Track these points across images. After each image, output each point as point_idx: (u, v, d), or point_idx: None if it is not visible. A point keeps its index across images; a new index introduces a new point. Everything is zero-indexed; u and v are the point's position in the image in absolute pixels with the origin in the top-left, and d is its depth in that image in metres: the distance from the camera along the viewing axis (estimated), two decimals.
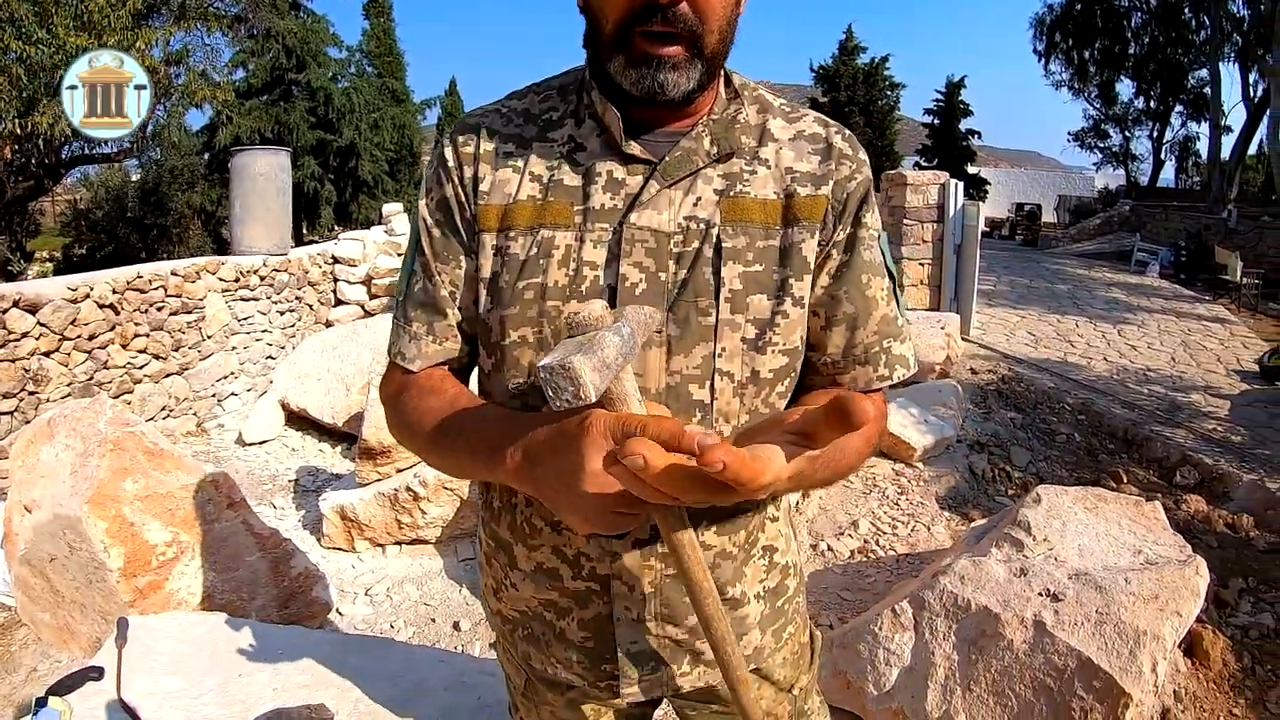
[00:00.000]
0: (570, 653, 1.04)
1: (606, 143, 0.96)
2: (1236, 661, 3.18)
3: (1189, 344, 9.95)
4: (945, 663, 2.33)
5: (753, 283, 0.94)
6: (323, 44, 15.72)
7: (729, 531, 1.01)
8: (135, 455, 2.96)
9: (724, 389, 0.94)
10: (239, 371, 6.67)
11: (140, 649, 1.97)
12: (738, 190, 0.96)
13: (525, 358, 0.94)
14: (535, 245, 0.94)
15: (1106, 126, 34.75)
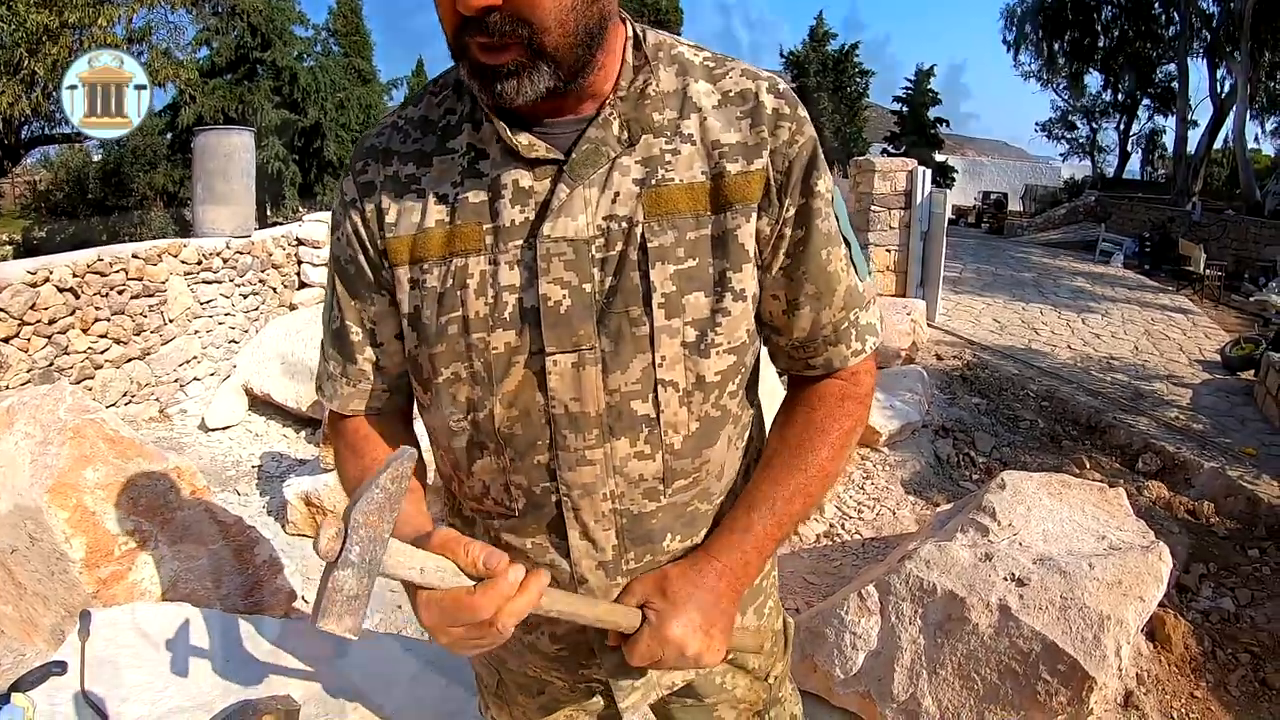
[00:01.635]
0: (546, 662, 1.04)
1: (507, 148, 0.87)
2: (1198, 645, 3.26)
3: (1152, 334, 10.13)
4: (912, 646, 2.36)
5: (687, 281, 0.88)
6: (288, 22, 15.46)
7: (689, 535, 0.98)
8: (96, 443, 2.91)
9: (669, 400, 0.90)
10: (201, 356, 6.56)
11: (103, 642, 1.95)
12: (660, 178, 0.87)
13: (462, 394, 0.90)
14: (450, 276, 0.88)
15: (1074, 118, 35.36)
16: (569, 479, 0.89)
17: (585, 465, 0.89)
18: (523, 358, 0.87)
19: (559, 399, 0.87)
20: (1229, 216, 19.36)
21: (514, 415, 0.89)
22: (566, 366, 0.87)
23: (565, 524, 0.92)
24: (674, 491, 0.94)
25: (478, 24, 0.77)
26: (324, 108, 15.61)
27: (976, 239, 21.39)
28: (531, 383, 0.88)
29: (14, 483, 2.88)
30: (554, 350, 0.86)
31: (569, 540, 0.92)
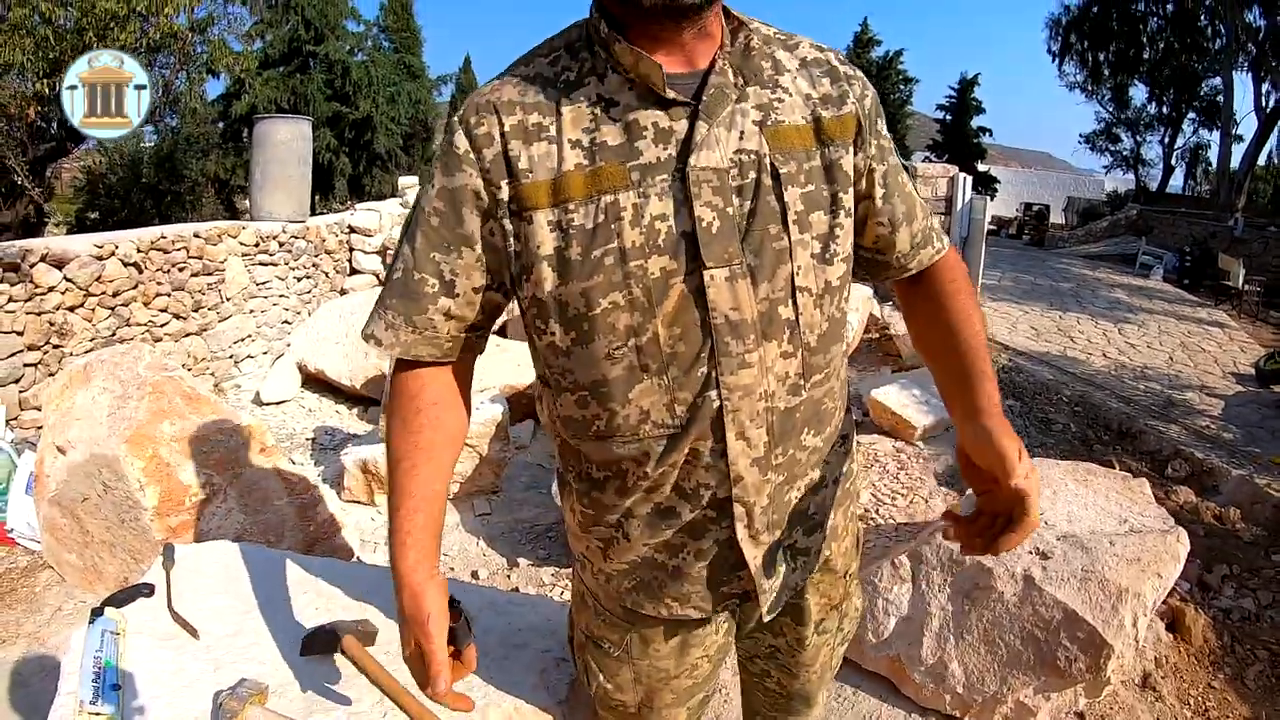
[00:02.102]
0: (688, 586, 1.13)
1: (640, 94, 0.98)
2: (1217, 639, 3.35)
3: (1188, 345, 10.07)
4: (940, 613, 2.48)
5: (811, 202, 1.03)
6: (341, 17, 15.85)
7: (821, 426, 1.12)
8: (173, 399, 3.10)
9: (805, 303, 1.03)
10: (255, 334, 6.81)
11: (186, 572, 2.07)
12: (774, 120, 1.02)
13: (621, 322, 0.98)
14: (601, 212, 0.96)
15: (1118, 130, 34.80)
16: (730, 382, 1.00)
17: (745, 368, 1.00)
18: (679, 279, 0.97)
19: (719, 310, 0.98)
20: (1272, 233, 19.04)
21: (676, 333, 0.98)
22: (722, 280, 0.97)
23: (724, 428, 1.01)
24: (810, 386, 1.07)
25: None
26: (375, 101, 15.94)
27: (1017, 250, 21.19)
28: (689, 301, 0.98)
29: (91, 433, 3.08)
30: (712, 266, 0.97)
31: (726, 442, 1.02)
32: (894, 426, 5.19)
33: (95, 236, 5.43)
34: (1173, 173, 34.14)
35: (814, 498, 1.16)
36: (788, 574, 1.16)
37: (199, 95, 11.91)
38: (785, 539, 1.14)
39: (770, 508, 1.09)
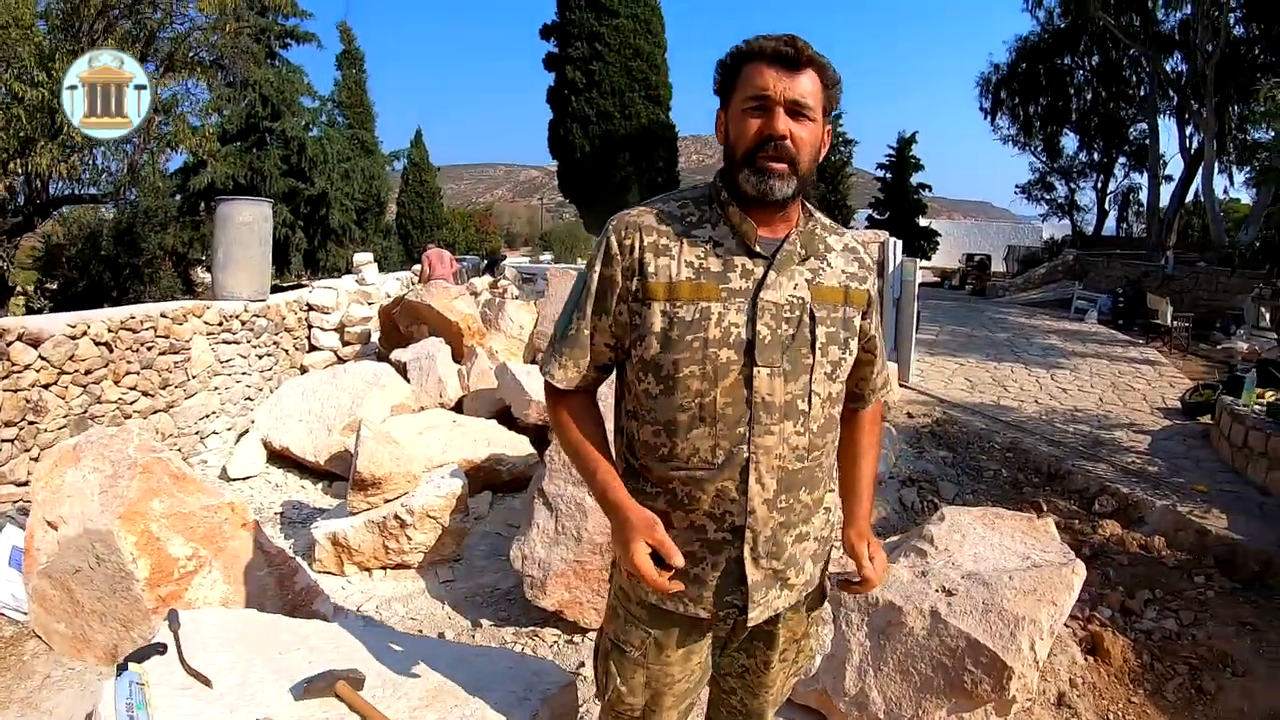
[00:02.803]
0: (703, 591, 1.56)
1: (738, 242, 1.50)
2: (1137, 659, 3.71)
3: (1118, 385, 10.56)
4: (859, 648, 2.81)
5: (831, 338, 1.54)
6: (297, 94, 16.18)
7: (814, 490, 1.58)
8: (162, 478, 3.35)
9: (815, 402, 1.52)
10: (220, 411, 6.98)
11: (191, 633, 2.31)
12: (818, 280, 1.54)
13: (694, 385, 1.47)
14: (698, 312, 1.46)
15: (1052, 179, 35.89)
16: (758, 442, 1.48)
17: (769, 435, 1.48)
18: (737, 367, 1.47)
19: (760, 393, 1.47)
20: (1200, 268, 20.00)
21: (727, 401, 1.47)
22: (765, 375, 1.47)
23: (749, 473, 1.48)
24: (810, 459, 1.54)
25: (772, 142, 1.43)
26: (330, 177, 16.24)
27: (958, 301, 21.90)
28: (740, 382, 1.47)
29: (84, 510, 3.32)
30: (761, 365, 1.47)
31: (748, 484, 1.49)
32: None
33: (68, 316, 5.59)
34: (1107, 216, 35.33)
35: (800, 546, 1.59)
36: (774, 597, 1.58)
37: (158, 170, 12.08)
38: (780, 571, 1.57)
39: (770, 540, 1.53)
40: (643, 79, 23.38)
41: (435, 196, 30.63)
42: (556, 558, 3.79)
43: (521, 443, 6.00)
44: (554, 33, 24.59)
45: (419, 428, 5.99)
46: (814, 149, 1.48)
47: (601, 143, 23.22)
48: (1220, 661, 3.78)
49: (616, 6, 22.80)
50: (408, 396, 6.95)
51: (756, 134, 1.44)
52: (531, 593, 3.82)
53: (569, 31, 23.33)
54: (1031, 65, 30.99)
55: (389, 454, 4.62)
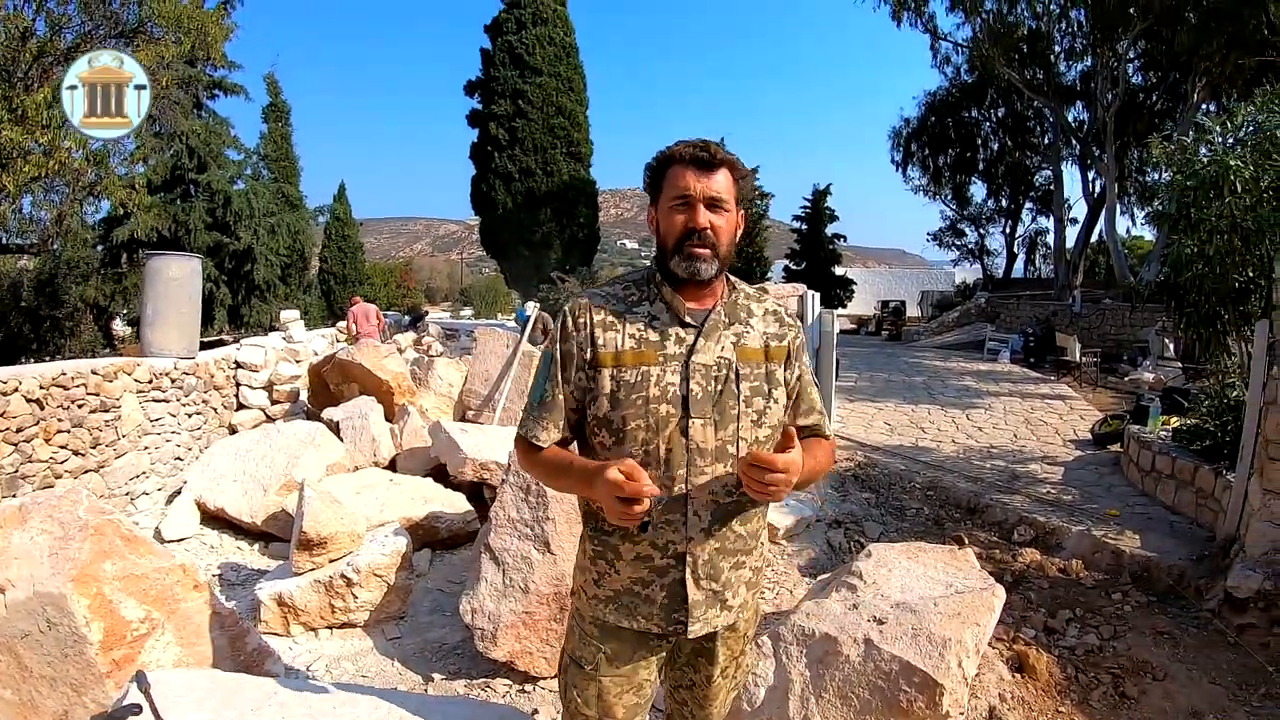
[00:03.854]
0: (652, 609, 1.81)
1: (672, 316, 1.80)
2: (1062, 672, 4.02)
3: (1031, 421, 11.02)
4: (800, 679, 3.00)
5: (754, 391, 1.80)
6: (223, 145, 16.04)
7: (745, 523, 1.83)
8: (114, 540, 3.37)
9: (743, 446, 1.76)
10: (150, 471, 6.89)
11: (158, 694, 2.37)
12: (742, 342, 1.82)
13: (640, 436, 1.74)
14: (640, 375, 1.75)
15: (962, 225, 37.42)
16: (694, 482, 1.75)
17: (703, 476, 1.75)
18: (675, 419, 1.74)
19: (695, 441, 1.74)
20: (1106, 305, 21.13)
21: (668, 448, 1.73)
22: (699, 425, 1.74)
23: (687, 506, 1.75)
24: (739, 494, 1.75)
25: (698, 235, 1.73)
26: (256, 232, 16.08)
27: (875, 348, 22.54)
28: (678, 433, 1.74)
29: (33, 572, 3.30)
30: (694, 417, 1.74)
31: (687, 516, 1.75)
32: (773, 536, 5.73)
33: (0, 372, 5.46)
34: (1016, 259, 36.93)
35: (736, 572, 1.84)
36: (713, 616, 1.83)
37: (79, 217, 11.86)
38: (718, 592, 1.81)
39: (709, 564, 1.79)
40: (565, 136, 23.93)
41: (358, 252, 30.54)
42: (506, 610, 3.91)
43: (458, 500, 6.08)
44: (478, 89, 24.97)
45: (356, 487, 6.02)
46: (731, 234, 1.79)
47: (524, 199, 23.61)
48: (1141, 669, 4.10)
49: (540, 65, 23.32)
50: (342, 456, 6.95)
51: (682, 228, 1.75)
52: (483, 644, 3.92)
53: (493, 88, 23.74)
54: (941, 118, 32.55)
55: (333, 514, 4.67)
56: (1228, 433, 6.46)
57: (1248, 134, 7.13)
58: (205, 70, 15.53)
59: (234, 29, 12.69)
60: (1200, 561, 5.46)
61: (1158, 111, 24.76)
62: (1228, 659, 4.27)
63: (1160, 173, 14.18)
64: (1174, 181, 7.57)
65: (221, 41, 11.62)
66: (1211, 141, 7.35)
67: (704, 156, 1.74)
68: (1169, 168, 8.13)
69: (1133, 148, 24.94)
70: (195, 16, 10.34)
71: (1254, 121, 7.12)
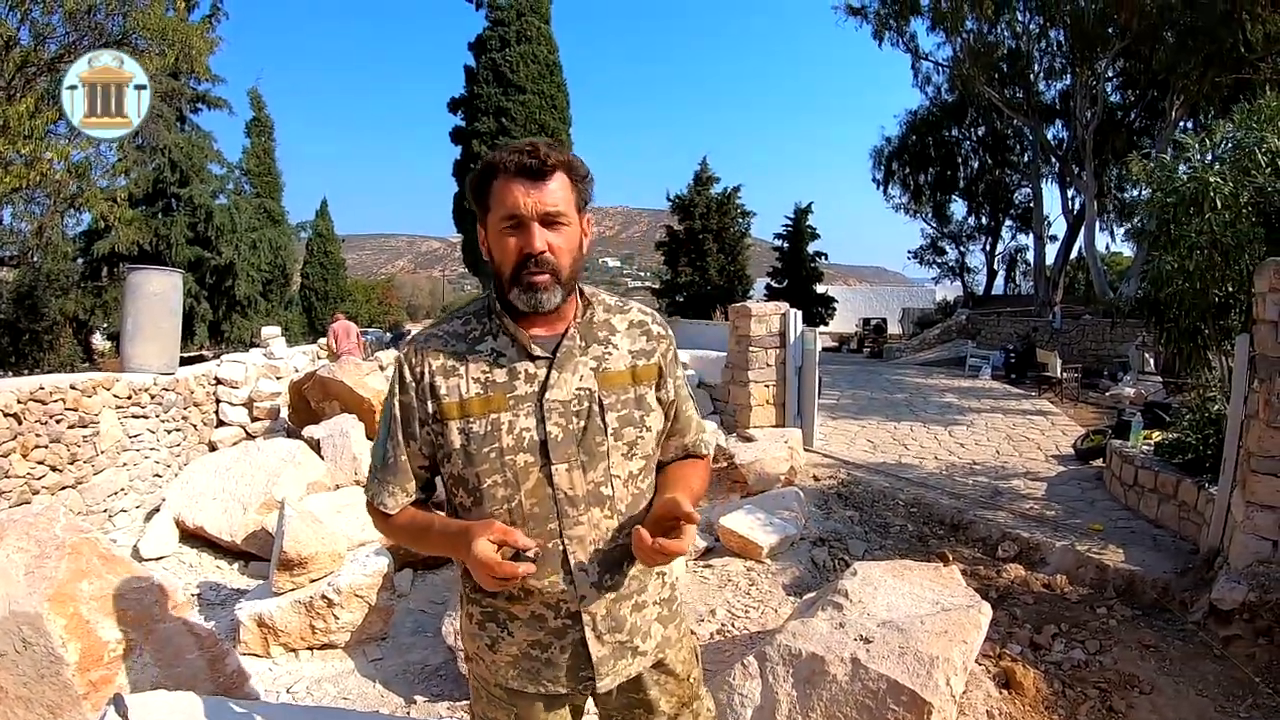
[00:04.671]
0: (557, 672, 1.63)
1: (519, 350, 1.58)
2: (1049, 688, 4.00)
3: (1013, 437, 11.02)
4: (787, 699, 2.98)
5: (624, 420, 1.60)
6: (206, 159, 15.97)
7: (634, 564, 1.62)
8: (91, 559, 3.31)
9: (617, 485, 1.59)
10: (128, 488, 6.79)
11: (137, 715, 2.35)
12: (604, 367, 1.61)
13: (499, 493, 1.54)
14: (490, 424, 1.54)
15: (943, 243, 37.74)
16: (570, 534, 1.56)
17: (578, 525, 1.56)
18: (536, 468, 1.54)
19: (561, 489, 1.54)
20: (1086, 321, 21.31)
21: (533, 502, 1.54)
22: (564, 471, 1.54)
23: (569, 561, 1.56)
24: (624, 537, 1.59)
25: (534, 260, 1.50)
26: (237, 247, 16.00)
27: (856, 365, 22.57)
28: (542, 482, 1.54)
29: (8, 591, 3.24)
30: (557, 462, 1.54)
31: (572, 571, 1.56)
32: (743, 548, 5.73)
33: None
34: (996, 276, 37.27)
35: (639, 614, 1.67)
36: (624, 666, 1.66)
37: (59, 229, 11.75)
38: (625, 642, 1.64)
39: (608, 617, 1.61)
40: None
41: (340, 268, 30.54)
42: None
43: None
44: (461, 106, 24.97)
45: (337, 506, 5.97)
46: (573, 251, 1.57)
47: None
48: (1128, 683, 4.10)
49: (523, 82, 23.35)
50: (323, 474, 6.90)
51: (517, 254, 1.53)
52: (465, 666, 3.86)
53: (476, 106, 23.74)
54: (921, 137, 32.90)
55: (314, 533, 4.63)
56: (1209, 446, 6.50)
57: (1226, 151, 7.21)
58: (189, 84, 15.44)
59: (218, 42, 12.69)
60: (1184, 574, 5.48)
61: (1136, 129, 25.11)
62: (1214, 671, 4.28)
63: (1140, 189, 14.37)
64: (1154, 198, 7.64)
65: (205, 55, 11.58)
66: (1191, 158, 7.42)
67: (532, 164, 1.50)
68: (1149, 185, 8.21)
69: (1112, 165, 25.25)
70: (179, 29, 10.31)
71: (1233, 138, 7.21)
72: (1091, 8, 20.17)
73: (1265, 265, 5.05)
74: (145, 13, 9.93)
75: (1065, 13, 21.13)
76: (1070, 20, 21.12)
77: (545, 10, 24.78)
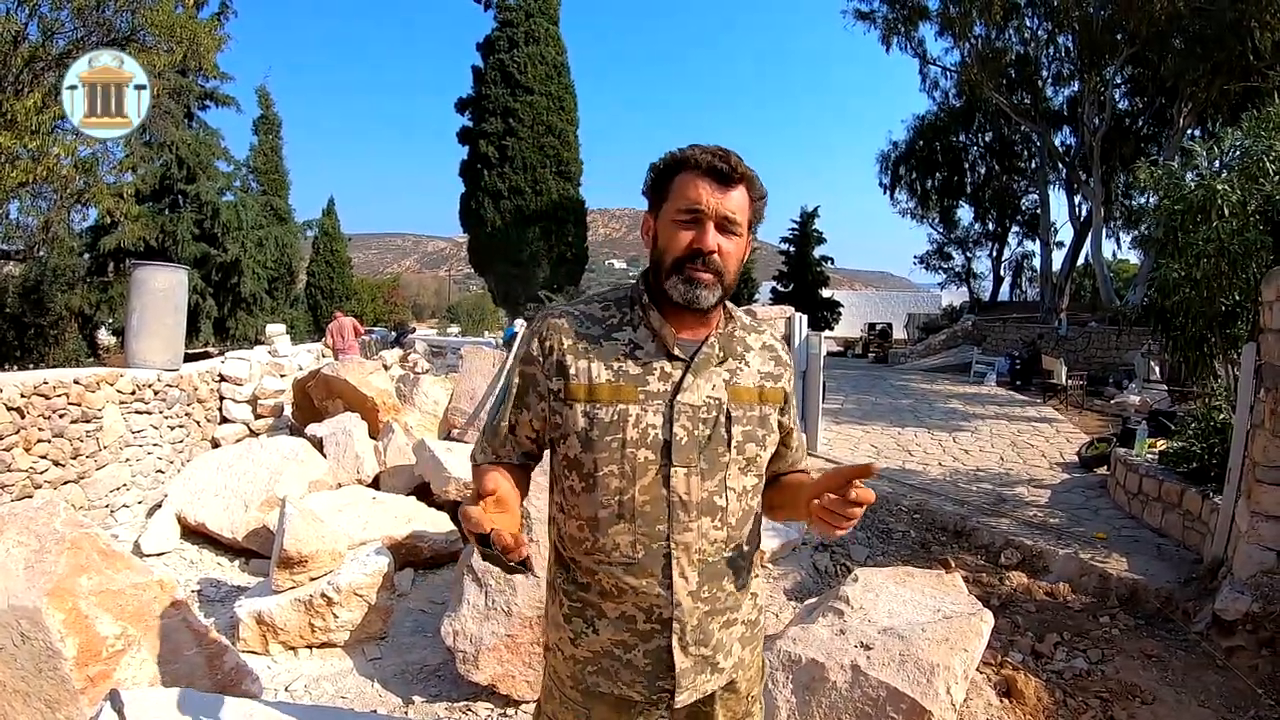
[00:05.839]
0: (635, 676, 1.59)
1: (658, 346, 1.56)
2: (1050, 697, 3.97)
3: (1018, 444, 10.98)
4: (786, 705, 2.96)
5: (747, 436, 1.59)
6: (213, 157, 15.98)
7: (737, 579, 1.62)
8: (90, 554, 3.31)
9: (731, 498, 1.57)
10: (130, 484, 6.80)
11: (133, 714, 2.34)
12: (735, 381, 1.61)
13: (613, 484, 1.52)
14: (616, 414, 1.52)
15: (949, 248, 37.60)
16: (677, 539, 1.53)
17: (687, 531, 1.53)
18: (655, 466, 1.52)
19: (677, 492, 1.53)
20: (1092, 328, 21.25)
21: (646, 499, 1.52)
22: (682, 475, 1.52)
23: (671, 567, 1.53)
24: (730, 550, 1.59)
25: (701, 256, 1.50)
26: (244, 245, 16.01)
27: (861, 370, 22.62)
28: (658, 481, 1.52)
29: (7, 585, 3.24)
30: (677, 465, 1.52)
31: (672, 577, 1.53)
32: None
33: None
34: (1002, 282, 37.10)
35: (727, 631, 1.63)
36: (702, 681, 1.62)
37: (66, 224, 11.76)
38: (709, 657, 1.60)
39: (698, 629, 1.58)
40: (554, 155, 24.05)
41: (345, 267, 30.54)
42: (488, 632, 3.85)
43: (442, 519, 6.01)
44: (469, 106, 25.06)
45: (338, 504, 5.96)
46: (739, 261, 1.57)
47: (513, 217, 23.67)
48: (1130, 693, 4.08)
49: (531, 83, 23.43)
50: (325, 473, 6.88)
51: (687, 246, 1.51)
52: (464, 668, 3.86)
53: (484, 106, 23.82)
54: (929, 142, 32.77)
55: (314, 532, 4.62)
56: (1214, 455, 6.47)
57: (1234, 159, 7.20)
58: (197, 80, 15.48)
59: (226, 40, 12.67)
60: (1188, 584, 5.45)
61: (1144, 136, 25.04)
62: (1216, 682, 4.26)
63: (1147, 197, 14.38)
64: (1161, 206, 7.62)
65: (213, 52, 11.60)
66: (1198, 166, 7.41)
67: (723, 169, 1.51)
68: (1156, 192, 8.19)
69: (1119, 172, 25.21)
70: (188, 26, 10.30)
71: (1240, 146, 7.19)
72: (1100, 14, 20.14)
73: (1273, 274, 5.03)
74: (154, 9, 9.93)
75: (1074, 19, 21.09)
76: (1079, 26, 21.09)
77: (554, 11, 24.88)
